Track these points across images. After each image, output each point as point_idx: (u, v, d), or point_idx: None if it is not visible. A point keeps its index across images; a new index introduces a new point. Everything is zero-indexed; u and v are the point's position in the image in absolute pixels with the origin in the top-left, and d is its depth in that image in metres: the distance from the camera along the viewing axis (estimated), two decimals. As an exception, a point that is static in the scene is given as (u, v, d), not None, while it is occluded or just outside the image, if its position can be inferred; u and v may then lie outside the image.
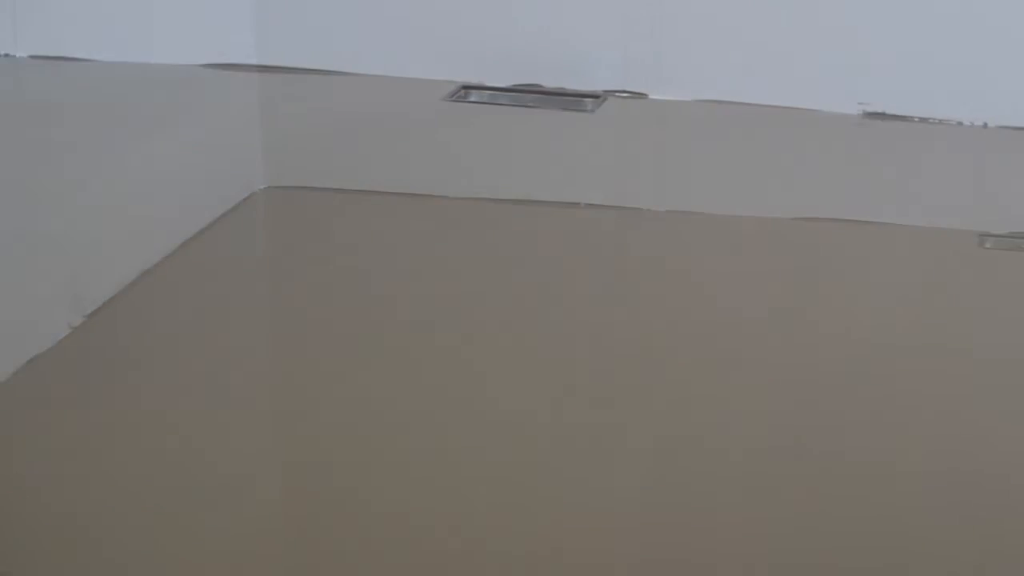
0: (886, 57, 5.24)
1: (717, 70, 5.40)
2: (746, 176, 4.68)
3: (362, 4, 5.67)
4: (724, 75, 5.39)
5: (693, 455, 3.06)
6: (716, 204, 4.43)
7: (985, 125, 5.20)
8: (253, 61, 5.85)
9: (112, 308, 3.68)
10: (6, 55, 6.07)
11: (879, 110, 5.29)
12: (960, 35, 5.16)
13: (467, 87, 5.56)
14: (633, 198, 4.64)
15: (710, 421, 3.19)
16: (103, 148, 4.91)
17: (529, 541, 2.75)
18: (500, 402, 3.26)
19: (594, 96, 5.47)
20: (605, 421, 3.20)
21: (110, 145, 4.94)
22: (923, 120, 5.24)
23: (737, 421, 3.18)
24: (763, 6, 5.32)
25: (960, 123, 5.20)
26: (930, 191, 4.64)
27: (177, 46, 5.89)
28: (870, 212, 4.40)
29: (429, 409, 3.23)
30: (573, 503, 2.87)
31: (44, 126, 5.39)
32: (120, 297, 3.73)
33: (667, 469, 3.03)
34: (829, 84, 5.31)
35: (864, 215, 4.37)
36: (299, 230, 4.30)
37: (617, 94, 5.50)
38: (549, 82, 5.55)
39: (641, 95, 5.49)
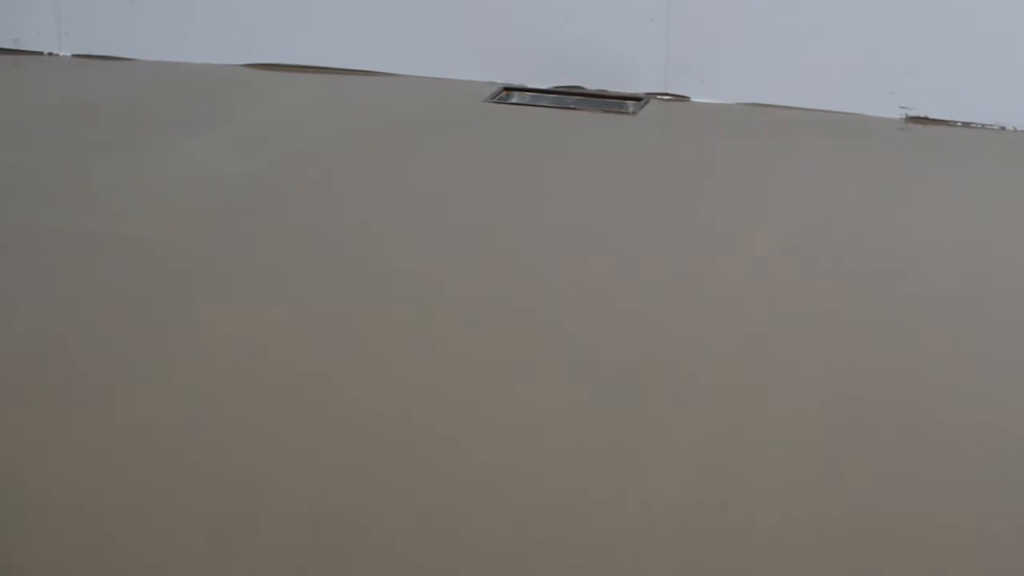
0: (928, 61, 5.24)
1: (759, 73, 5.40)
2: (784, 182, 4.67)
3: (405, 6, 5.67)
4: (766, 78, 5.39)
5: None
6: (751, 213, 4.42)
7: (1029, 130, 5.20)
8: (294, 61, 5.87)
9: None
10: (50, 54, 6.11)
11: (921, 114, 5.29)
12: (1004, 40, 5.16)
13: (509, 88, 5.57)
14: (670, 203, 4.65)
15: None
16: (142, 146, 4.92)
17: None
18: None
19: (636, 99, 5.47)
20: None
21: (149, 144, 4.95)
22: (965, 125, 5.23)
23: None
24: (806, 10, 5.31)
25: (1003, 128, 5.19)
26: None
27: (218, 46, 5.91)
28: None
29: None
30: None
31: (86, 124, 5.41)
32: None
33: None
34: (871, 88, 5.30)
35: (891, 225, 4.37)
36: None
37: (659, 97, 5.50)
38: (591, 84, 5.56)
39: (683, 98, 5.50)
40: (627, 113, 5.36)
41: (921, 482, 2.85)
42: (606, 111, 5.39)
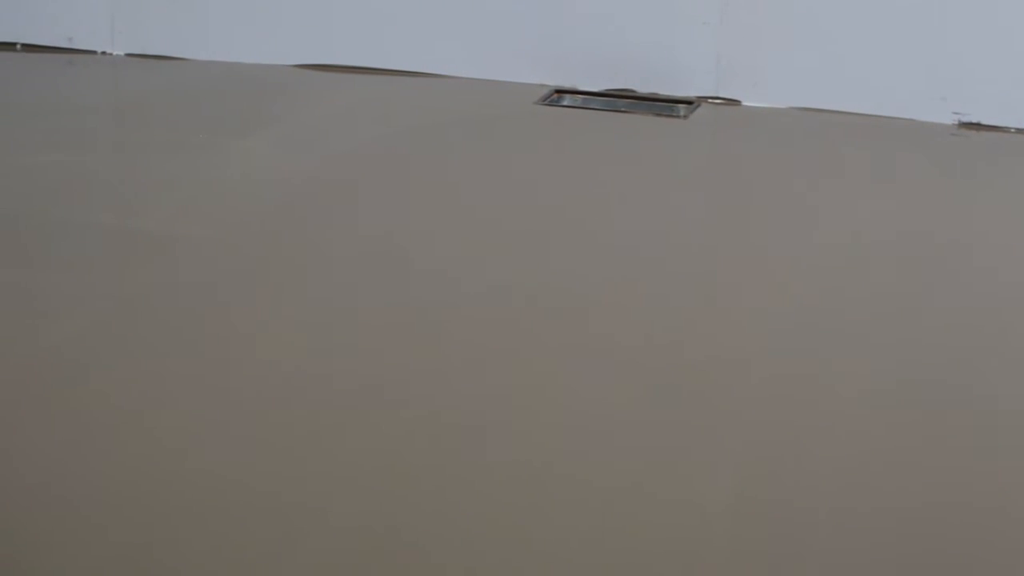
0: (982, 67, 5.21)
1: (810, 77, 5.38)
2: (835, 186, 4.65)
3: (458, 8, 5.68)
4: (817, 83, 5.37)
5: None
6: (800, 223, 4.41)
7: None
8: (345, 62, 5.88)
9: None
10: (103, 53, 6.13)
11: (974, 120, 5.26)
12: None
13: (560, 91, 5.57)
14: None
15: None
16: (194, 146, 4.94)
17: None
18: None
19: (687, 102, 5.46)
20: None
21: (201, 143, 4.97)
22: (1020, 131, 5.20)
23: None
24: (858, 15, 5.29)
25: (1057, 134, 5.18)
26: None
27: (269, 46, 5.93)
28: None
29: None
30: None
31: (139, 123, 5.44)
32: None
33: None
34: (923, 94, 5.28)
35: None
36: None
37: (710, 100, 5.49)
38: (642, 87, 5.55)
39: (734, 102, 5.48)
40: (678, 117, 5.36)
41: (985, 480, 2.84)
42: (657, 114, 5.38)
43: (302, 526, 2.68)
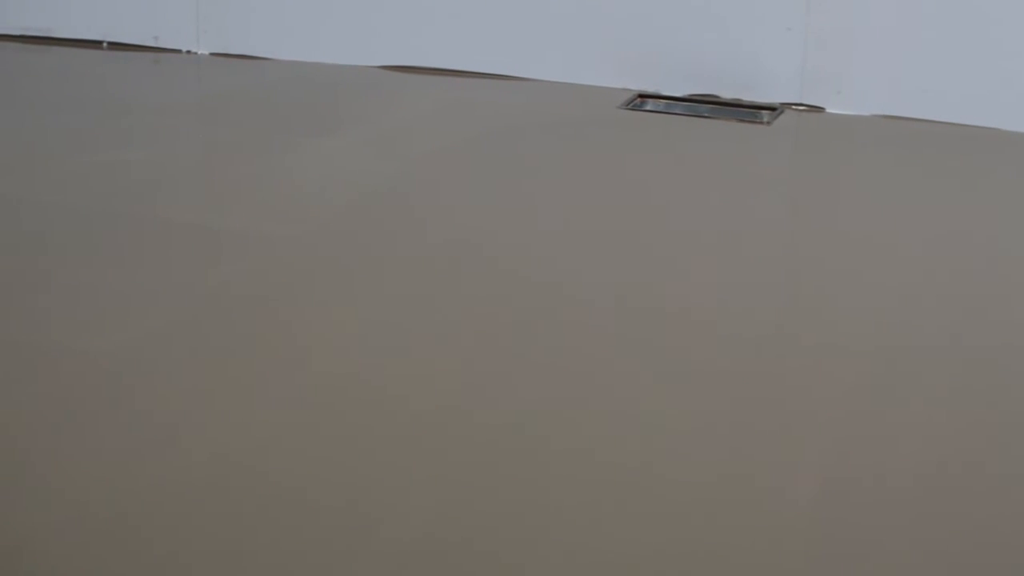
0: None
1: (895, 85, 5.35)
2: (918, 195, 4.63)
3: (542, 11, 5.68)
4: (903, 91, 5.34)
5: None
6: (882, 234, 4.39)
7: None
8: (428, 64, 5.89)
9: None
10: (188, 52, 6.18)
11: (1063, 130, 5.23)
12: None
13: (643, 96, 5.57)
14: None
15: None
16: (276, 145, 4.97)
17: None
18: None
19: (771, 108, 5.45)
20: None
21: (284, 143, 5.00)
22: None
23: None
24: (943, 22, 5.26)
25: None
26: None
27: (353, 47, 5.95)
28: None
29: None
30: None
31: (222, 122, 5.47)
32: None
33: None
34: (1008, 102, 5.24)
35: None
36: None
37: (794, 107, 5.47)
38: (725, 93, 5.54)
39: (818, 108, 5.46)
40: (761, 123, 5.34)
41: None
42: (740, 120, 5.36)
43: (362, 535, 2.69)
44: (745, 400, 3.20)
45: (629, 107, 5.47)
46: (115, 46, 6.25)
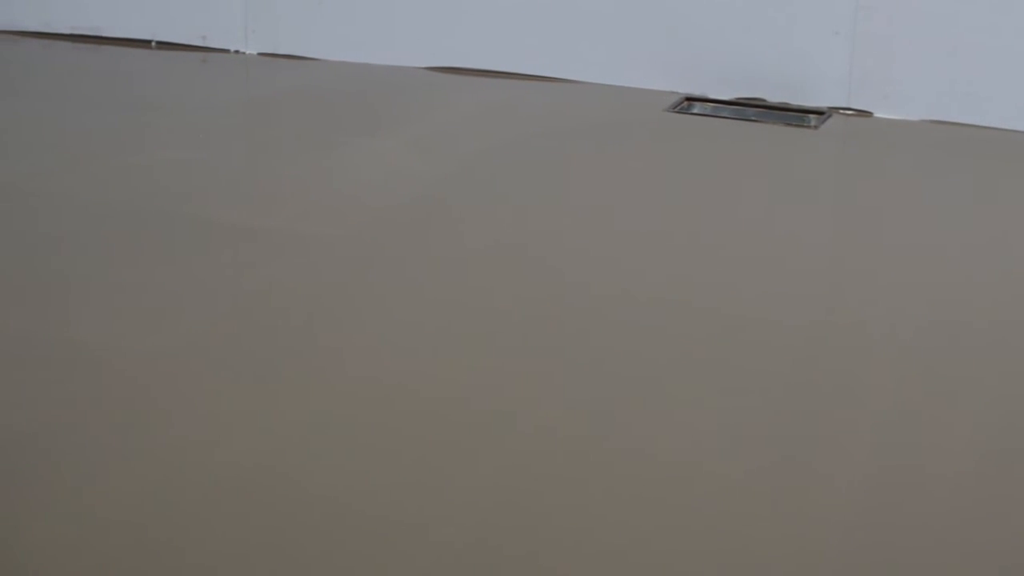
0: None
1: (944, 90, 5.33)
2: (966, 201, 4.60)
3: (589, 14, 5.68)
4: (951, 95, 5.32)
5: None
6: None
7: None
8: (476, 65, 5.90)
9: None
10: (236, 51, 6.20)
11: (1112, 137, 5.20)
12: None
13: (690, 99, 5.55)
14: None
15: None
16: (324, 146, 4.98)
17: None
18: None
19: (818, 112, 5.43)
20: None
21: (331, 143, 5.01)
22: None
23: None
24: (993, 27, 5.23)
25: None
26: None
27: (401, 48, 5.96)
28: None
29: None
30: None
31: (269, 122, 5.49)
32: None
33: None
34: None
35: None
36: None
37: (842, 111, 5.45)
38: (773, 97, 5.52)
39: (866, 113, 5.44)
40: (809, 127, 5.32)
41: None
42: (787, 124, 5.34)
43: (404, 542, 2.70)
44: (795, 401, 3.20)
45: (676, 110, 5.46)
46: (163, 45, 6.28)
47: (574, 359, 3.42)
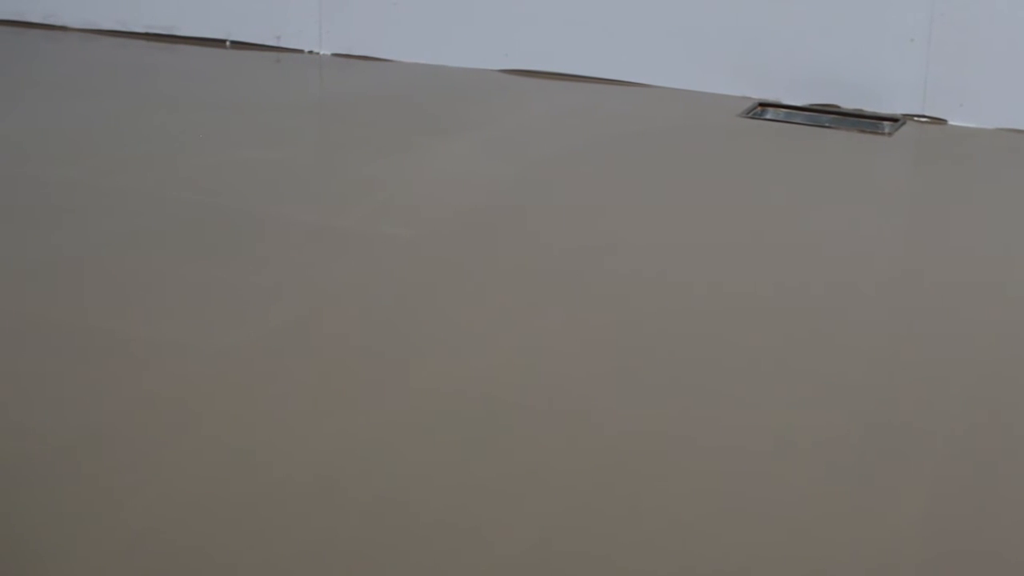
0: None
1: (1021, 99, 5.29)
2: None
3: (664, 18, 5.68)
4: (1029, 105, 5.30)
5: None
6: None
7: None
8: (550, 68, 5.90)
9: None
10: (310, 52, 6.23)
11: None
12: None
13: (764, 104, 5.54)
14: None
15: None
16: (397, 146, 4.99)
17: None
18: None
19: (892, 119, 5.40)
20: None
21: (405, 144, 5.02)
22: None
23: None
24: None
25: None
26: None
27: (475, 50, 5.97)
28: None
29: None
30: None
31: (343, 122, 5.51)
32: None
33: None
34: None
35: None
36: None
37: (916, 118, 5.43)
38: (847, 103, 5.50)
39: (940, 120, 5.41)
40: (882, 134, 5.30)
41: None
42: (861, 131, 5.32)
43: (477, 544, 2.70)
44: (870, 415, 3.20)
45: (749, 115, 5.45)
46: (238, 45, 6.31)
47: (646, 360, 3.42)
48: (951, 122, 5.40)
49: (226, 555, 2.63)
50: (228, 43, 6.34)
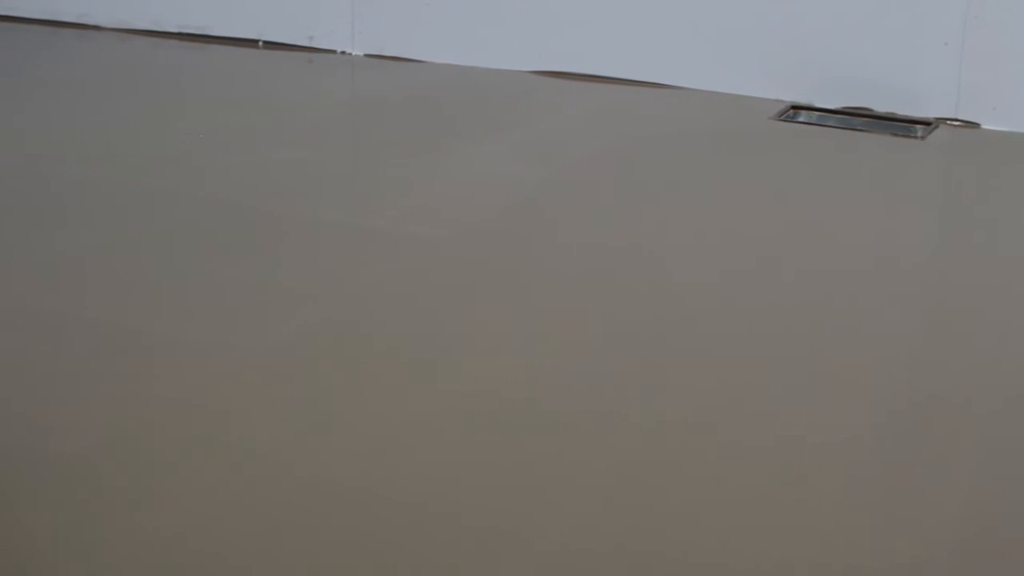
0: None
1: (1055, 103, 5.29)
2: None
3: (696, 21, 5.67)
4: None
5: None
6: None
7: None
8: (582, 70, 5.91)
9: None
10: (343, 52, 6.24)
11: None
12: None
13: (796, 107, 5.54)
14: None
15: None
16: (429, 147, 5.00)
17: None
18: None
19: (925, 123, 5.39)
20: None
21: (436, 145, 5.03)
22: None
23: None
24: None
25: None
26: None
27: (507, 51, 5.98)
28: None
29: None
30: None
31: (375, 122, 5.52)
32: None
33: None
34: None
35: None
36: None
37: (949, 122, 5.41)
38: (879, 106, 5.49)
39: (973, 124, 5.40)
40: (915, 137, 5.29)
41: None
42: (894, 134, 5.31)
43: (514, 544, 2.71)
44: (898, 416, 3.19)
45: (782, 118, 5.44)
46: (270, 45, 6.33)
47: (677, 359, 3.42)
48: (984, 126, 5.39)
49: (245, 558, 2.63)
50: (261, 43, 6.35)
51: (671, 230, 4.29)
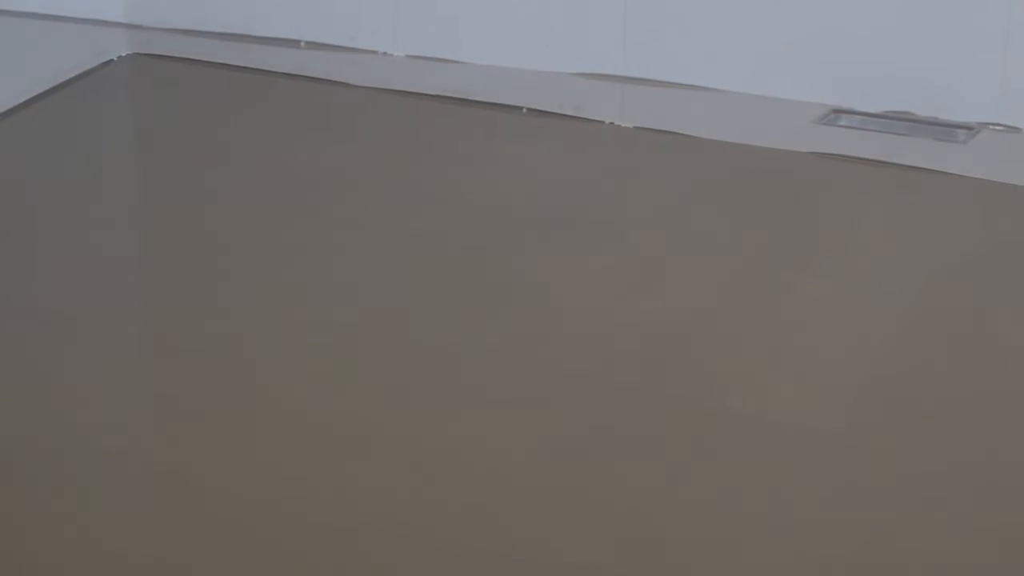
0: None
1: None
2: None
3: (736, 23, 5.67)
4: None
5: None
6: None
7: None
8: (620, 72, 5.90)
9: None
10: (385, 53, 6.24)
11: None
12: None
13: (837, 111, 5.53)
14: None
15: None
16: (470, 149, 5.02)
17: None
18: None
19: (967, 127, 5.38)
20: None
21: (477, 146, 5.05)
22: None
23: None
24: None
25: None
26: None
27: (546, 53, 5.98)
28: None
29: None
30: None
31: (415, 123, 5.53)
32: None
33: None
34: None
35: None
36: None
37: (991, 126, 5.40)
38: (921, 110, 5.48)
39: (1016, 129, 5.38)
40: (957, 142, 5.28)
41: None
42: (936, 139, 5.30)
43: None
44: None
45: (823, 122, 5.43)
46: (311, 45, 6.34)
47: (712, 356, 3.44)
48: (1028, 131, 5.39)
49: (277, 560, 2.65)
50: (302, 44, 6.36)
51: (703, 234, 4.28)
